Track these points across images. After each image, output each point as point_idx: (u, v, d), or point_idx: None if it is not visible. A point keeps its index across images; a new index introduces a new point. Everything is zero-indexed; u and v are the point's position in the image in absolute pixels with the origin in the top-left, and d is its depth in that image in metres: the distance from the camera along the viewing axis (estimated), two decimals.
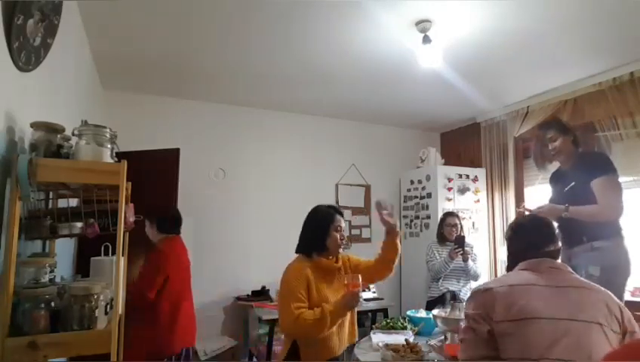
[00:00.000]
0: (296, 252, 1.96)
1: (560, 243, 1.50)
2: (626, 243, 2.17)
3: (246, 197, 4.15)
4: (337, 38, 2.76)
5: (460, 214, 4.22)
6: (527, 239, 1.50)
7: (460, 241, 3.16)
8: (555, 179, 2.45)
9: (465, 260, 3.19)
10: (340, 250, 1.95)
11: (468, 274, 3.28)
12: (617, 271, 2.09)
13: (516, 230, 1.58)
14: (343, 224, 1.96)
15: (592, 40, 2.79)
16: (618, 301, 1.35)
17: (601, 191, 2.12)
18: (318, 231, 1.91)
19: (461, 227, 3.41)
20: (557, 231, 1.54)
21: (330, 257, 1.94)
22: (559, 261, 1.46)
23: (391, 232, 2.02)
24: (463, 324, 1.43)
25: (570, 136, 2.34)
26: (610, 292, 1.36)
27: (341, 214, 1.97)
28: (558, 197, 2.36)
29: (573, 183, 2.25)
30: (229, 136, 4.17)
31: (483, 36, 2.72)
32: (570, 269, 1.43)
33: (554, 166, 2.49)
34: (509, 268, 1.54)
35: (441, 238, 3.41)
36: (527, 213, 2.58)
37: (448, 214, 3.52)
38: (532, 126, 3.91)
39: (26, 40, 1.40)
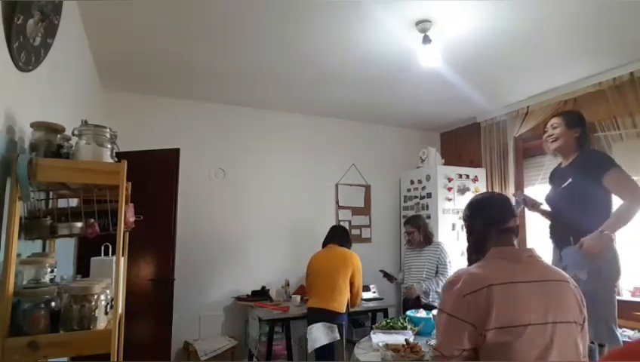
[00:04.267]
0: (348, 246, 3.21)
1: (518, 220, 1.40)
2: (615, 245, 2.10)
3: (246, 197, 4.15)
4: (337, 38, 2.75)
5: (461, 214, 4.26)
6: (490, 214, 1.37)
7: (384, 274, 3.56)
8: (554, 177, 2.41)
9: (391, 282, 3.54)
10: None
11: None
12: (603, 274, 2.04)
13: (476, 206, 1.44)
14: None
15: (592, 40, 2.78)
16: (579, 291, 1.30)
17: (619, 183, 2.10)
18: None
19: (421, 232, 3.33)
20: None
21: None
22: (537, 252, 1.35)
23: None
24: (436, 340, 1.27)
25: (577, 131, 2.27)
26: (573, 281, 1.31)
27: None
28: (554, 195, 2.34)
29: (570, 180, 2.22)
30: (229, 136, 4.16)
31: (483, 36, 2.72)
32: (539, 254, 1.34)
33: (557, 159, 2.44)
34: (474, 252, 1.39)
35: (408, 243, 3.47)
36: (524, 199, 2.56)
37: (406, 222, 3.51)
38: (532, 126, 3.91)
39: (26, 40, 1.40)
